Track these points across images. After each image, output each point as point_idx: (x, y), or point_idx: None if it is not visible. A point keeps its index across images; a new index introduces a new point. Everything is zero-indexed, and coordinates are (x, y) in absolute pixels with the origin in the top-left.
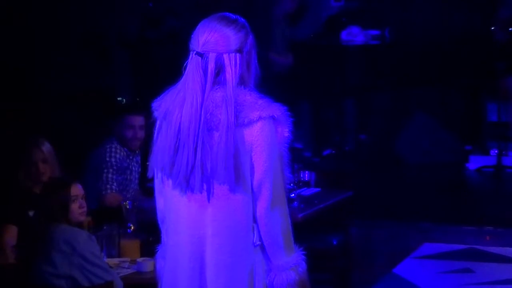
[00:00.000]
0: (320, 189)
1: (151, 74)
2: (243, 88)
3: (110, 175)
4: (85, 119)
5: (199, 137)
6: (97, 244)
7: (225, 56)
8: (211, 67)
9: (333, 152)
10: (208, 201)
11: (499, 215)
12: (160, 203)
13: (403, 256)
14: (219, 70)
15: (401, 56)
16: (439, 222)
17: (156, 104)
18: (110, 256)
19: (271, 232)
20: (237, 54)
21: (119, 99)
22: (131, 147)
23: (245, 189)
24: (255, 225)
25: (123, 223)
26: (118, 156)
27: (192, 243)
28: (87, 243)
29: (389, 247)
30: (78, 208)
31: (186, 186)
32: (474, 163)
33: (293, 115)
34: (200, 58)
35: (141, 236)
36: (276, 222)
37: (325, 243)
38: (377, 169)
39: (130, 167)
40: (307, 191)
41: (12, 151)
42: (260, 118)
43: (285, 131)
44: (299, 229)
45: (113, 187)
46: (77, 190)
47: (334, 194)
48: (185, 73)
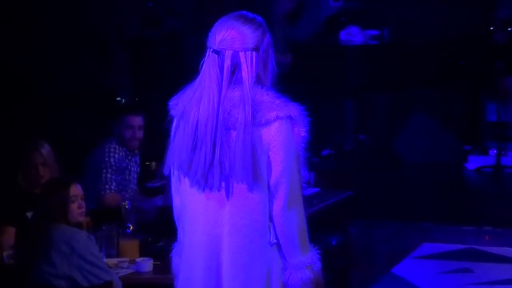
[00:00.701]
0: (319, 189)
1: (150, 74)
2: (260, 87)
3: (109, 175)
4: (84, 119)
5: (217, 135)
6: (96, 244)
7: (241, 54)
8: (227, 64)
9: (333, 152)
10: (227, 199)
11: (498, 215)
12: (176, 201)
13: (403, 256)
14: (235, 68)
15: (400, 56)
16: (439, 222)
17: (173, 102)
18: (109, 256)
19: (287, 231)
20: (254, 52)
21: (118, 99)
22: (130, 147)
23: (262, 188)
24: (271, 224)
25: (122, 223)
26: (117, 156)
27: (209, 242)
28: (86, 243)
29: (389, 247)
30: (77, 208)
31: (204, 184)
32: (473, 163)
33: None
34: (216, 55)
35: (140, 236)
36: (292, 222)
37: (324, 243)
38: (376, 169)
39: (129, 167)
40: (306, 191)
41: (11, 152)
42: (277, 118)
43: (302, 131)
44: None
45: (112, 187)
46: (76, 190)
47: (333, 194)
48: (202, 70)
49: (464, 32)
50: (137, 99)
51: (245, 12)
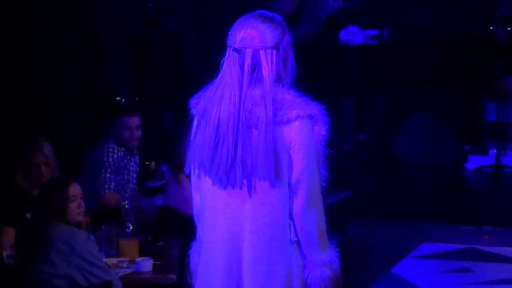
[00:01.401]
0: None
1: (151, 74)
2: (280, 86)
3: (108, 175)
4: (83, 119)
5: (239, 133)
6: (96, 244)
7: (261, 52)
8: (247, 63)
9: (332, 152)
10: (249, 197)
11: (497, 214)
12: (196, 199)
13: (402, 256)
14: (255, 66)
15: (399, 56)
16: (438, 222)
17: (193, 101)
18: (109, 256)
19: (307, 229)
20: (274, 50)
21: (118, 99)
22: (129, 148)
23: (283, 186)
24: (291, 222)
25: (121, 223)
26: (115, 156)
27: (229, 240)
28: (85, 243)
29: (388, 246)
30: (77, 208)
31: (226, 182)
32: (473, 163)
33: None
34: (237, 54)
35: (140, 236)
36: (312, 220)
37: None
38: (376, 169)
39: (128, 167)
40: None
41: (11, 152)
42: (298, 116)
43: (322, 130)
44: None
45: (111, 187)
46: (75, 190)
47: (333, 193)
48: (222, 69)
49: (463, 32)
50: (136, 99)
51: (264, 11)
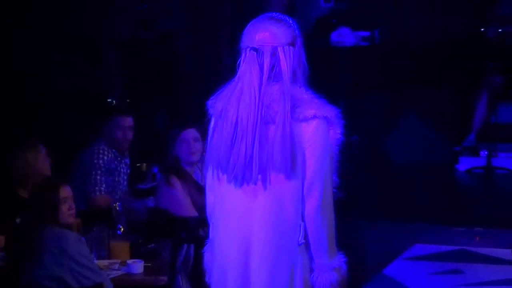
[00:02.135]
0: None
1: (143, 75)
2: (297, 86)
3: (98, 177)
4: (75, 120)
5: (257, 130)
6: (87, 246)
7: (279, 49)
8: (267, 60)
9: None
10: (263, 190)
11: (489, 216)
12: (210, 199)
13: (393, 257)
14: (274, 63)
15: (391, 57)
16: (430, 223)
17: (211, 102)
18: (100, 257)
19: (318, 232)
20: (290, 47)
21: (109, 100)
22: (120, 148)
23: (297, 182)
24: (302, 224)
25: (112, 225)
26: (106, 158)
27: (240, 236)
28: (76, 245)
29: (379, 247)
30: (68, 210)
31: (242, 178)
32: (464, 164)
33: None
34: (255, 53)
35: (131, 237)
36: (324, 223)
37: None
38: (368, 170)
39: (119, 168)
40: None
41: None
42: (315, 116)
43: (338, 133)
44: None
45: (102, 188)
46: (66, 192)
47: None
48: (241, 69)
49: (454, 33)
50: (128, 100)
51: (274, 13)
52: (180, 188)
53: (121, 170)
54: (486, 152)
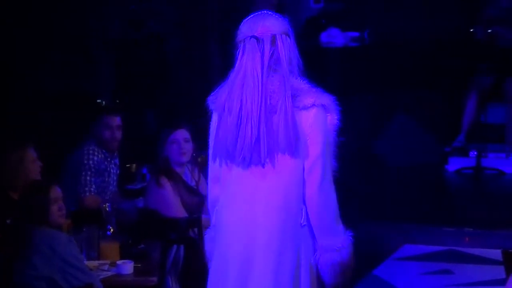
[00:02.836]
0: None
1: (133, 76)
2: (295, 77)
3: (88, 178)
4: (65, 121)
5: (262, 114)
6: (77, 247)
7: (278, 37)
8: (267, 47)
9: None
10: (271, 171)
11: (478, 216)
12: (213, 190)
13: (383, 258)
14: (273, 51)
15: (380, 58)
16: (419, 224)
17: (211, 98)
18: (90, 258)
19: (319, 212)
20: (287, 36)
21: (98, 101)
22: (110, 148)
23: (300, 166)
24: (304, 207)
25: (102, 225)
26: (96, 158)
27: (245, 221)
28: (67, 245)
29: (370, 248)
30: (58, 211)
31: (250, 159)
32: (454, 165)
33: None
34: (256, 41)
35: (121, 238)
36: (325, 203)
37: None
38: (357, 170)
39: (108, 169)
40: None
41: None
42: (314, 105)
43: (335, 119)
44: None
45: (92, 189)
46: (56, 192)
47: None
48: (241, 58)
49: (444, 33)
50: (117, 101)
51: (266, 10)
52: (170, 189)
53: (111, 170)
54: (475, 153)
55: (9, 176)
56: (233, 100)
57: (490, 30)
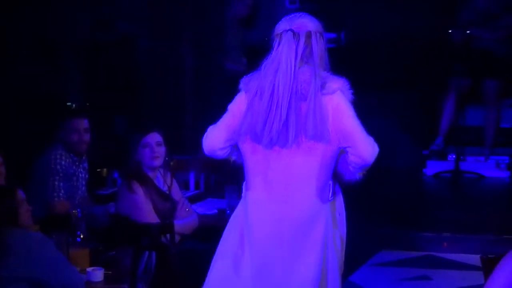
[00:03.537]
0: None
1: (102, 79)
2: (323, 70)
3: (56, 183)
4: (32, 125)
5: (293, 100)
6: (53, 244)
7: (312, 34)
8: (302, 41)
9: None
10: (296, 155)
11: (456, 221)
12: (221, 136)
13: (359, 264)
14: (307, 46)
15: (357, 60)
16: (396, 229)
17: (245, 79)
18: None
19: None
20: (320, 35)
21: (68, 104)
22: (78, 151)
23: (329, 147)
24: (330, 182)
25: (72, 231)
26: (63, 163)
27: (271, 200)
28: (43, 244)
29: (345, 254)
30: (25, 212)
31: (277, 140)
32: (432, 168)
33: None
34: (292, 34)
35: (91, 245)
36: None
37: None
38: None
39: (77, 173)
40: None
41: None
42: (338, 89)
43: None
44: None
45: (61, 194)
46: (20, 194)
47: None
48: (277, 47)
49: (422, 35)
50: (88, 104)
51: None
52: (142, 194)
53: (79, 175)
54: (454, 156)
55: None
56: (265, 85)
57: (468, 32)
